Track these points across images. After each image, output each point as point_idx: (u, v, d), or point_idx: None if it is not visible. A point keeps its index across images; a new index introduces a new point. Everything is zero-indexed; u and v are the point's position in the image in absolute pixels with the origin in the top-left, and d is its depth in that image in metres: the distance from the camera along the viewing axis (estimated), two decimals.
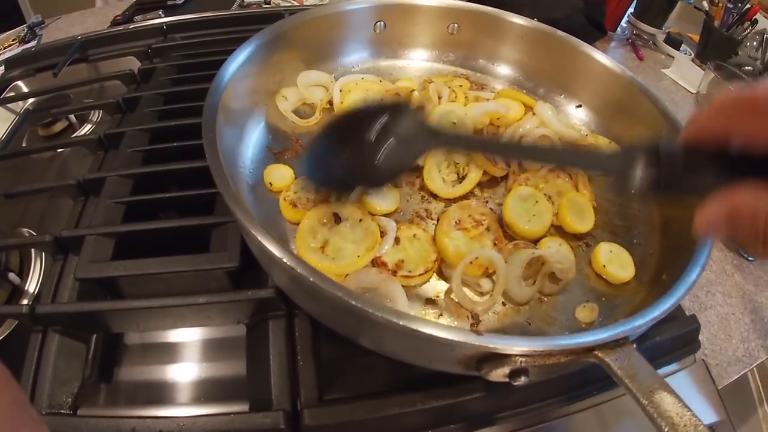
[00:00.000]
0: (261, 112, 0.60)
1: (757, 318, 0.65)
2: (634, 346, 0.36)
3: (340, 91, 0.62)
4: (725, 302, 0.66)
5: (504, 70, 0.73)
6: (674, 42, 1.10)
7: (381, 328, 0.34)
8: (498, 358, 0.34)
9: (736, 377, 0.59)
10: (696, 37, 1.11)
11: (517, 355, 0.33)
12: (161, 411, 0.45)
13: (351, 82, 0.63)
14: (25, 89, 0.83)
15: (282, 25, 0.60)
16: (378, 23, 0.69)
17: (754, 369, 0.63)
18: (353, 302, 0.32)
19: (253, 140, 0.57)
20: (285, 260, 0.34)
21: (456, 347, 0.33)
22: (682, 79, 1.02)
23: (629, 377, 0.32)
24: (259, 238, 0.36)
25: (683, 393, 0.52)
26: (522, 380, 0.35)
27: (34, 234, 0.60)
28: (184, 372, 0.48)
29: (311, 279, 0.33)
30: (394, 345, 0.38)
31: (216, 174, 0.40)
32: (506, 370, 0.35)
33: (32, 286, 0.55)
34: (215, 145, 0.43)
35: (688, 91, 1.01)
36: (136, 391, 0.47)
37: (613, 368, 0.33)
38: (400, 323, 0.31)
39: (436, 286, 0.47)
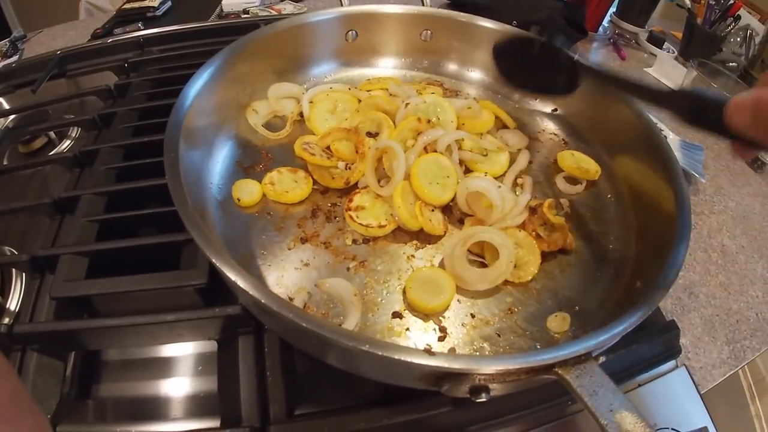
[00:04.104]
0: (231, 126, 0.59)
1: (743, 318, 0.64)
2: (603, 359, 0.36)
3: (310, 102, 0.62)
4: (709, 303, 0.65)
5: (478, 75, 0.73)
6: (657, 40, 1.10)
7: (338, 349, 0.34)
8: (456, 377, 0.33)
9: (722, 380, 0.59)
10: (679, 35, 1.10)
11: (474, 374, 0.33)
12: (134, 427, 0.45)
13: (321, 92, 0.63)
14: (6, 106, 0.83)
15: (250, 38, 0.60)
16: (349, 32, 0.69)
17: (745, 367, 0.63)
18: (304, 324, 0.32)
19: (222, 155, 0.56)
20: (239, 283, 0.34)
21: (411, 368, 0.32)
22: (665, 77, 1.02)
23: (589, 395, 0.32)
24: (214, 260, 0.35)
25: (663, 401, 0.53)
26: (483, 397, 0.35)
27: (15, 251, 0.60)
28: (161, 387, 0.48)
29: (263, 301, 0.33)
30: (355, 364, 0.38)
31: (175, 195, 0.40)
32: (466, 387, 0.34)
33: (13, 304, 0.55)
34: (176, 164, 0.43)
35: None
36: (114, 408, 0.48)
37: (572, 386, 0.32)
38: (350, 344, 0.31)
39: (402, 300, 0.46)
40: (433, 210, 0.51)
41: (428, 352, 0.32)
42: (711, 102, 0.39)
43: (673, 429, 0.51)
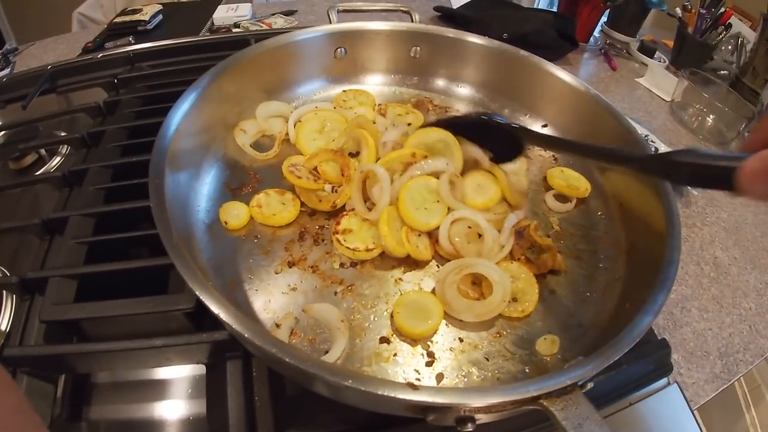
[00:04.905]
0: (219, 146, 0.59)
1: (736, 332, 0.64)
2: (590, 385, 0.36)
3: (298, 121, 0.61)
4: (702, 317, 0.65)
5: (468, 91, 0.73)
6: (648, 50, 1.10)
7: (321, 382, 0.34)
8: (440, 409, 0.33)
9: (714, 395, 0.58)
10: (671, 44, 1.10)
11: (458, 407, 0.32)
12: None
13: (309, 111, 0.62)
14: None
15: (238, 57, 0.60)
16: (338, 49, 0.68)
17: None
18: (287, 359, 0.32)
19: (210, 177, 0.56)
20: (222, 316, 0.34)
21: (395, 401, 0.32)
22: (657, 87, 1.02)
23: (573, 428, 0.32)
24: (198, 293, 0.35)
25: (655, 418, 0.53)
26: (469, 427, 0.34)
27: (6, 270, 0.60)
28: (152, 410, 0.48)
29: (246, 335, 0.33)
30: (341, 395, 0.38)
31: (160, 223, 0.40)
32: (451, 418, 0.34)
33: (4, 324, 0.55)
34: (161, 191, 0.43)
35: (663, 99, 1.00)
36: (105, 430, 0.47)
37: (557, 418, 0.32)
38: (333, 380, 0.31)
39: (390, 325, 0.46)
40: (419, 235, 0.51)
41: (411, 386, 0.32)
42: (711, 168, 0.33)
43: None
